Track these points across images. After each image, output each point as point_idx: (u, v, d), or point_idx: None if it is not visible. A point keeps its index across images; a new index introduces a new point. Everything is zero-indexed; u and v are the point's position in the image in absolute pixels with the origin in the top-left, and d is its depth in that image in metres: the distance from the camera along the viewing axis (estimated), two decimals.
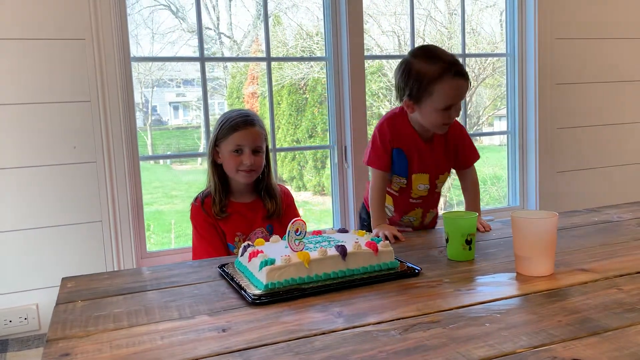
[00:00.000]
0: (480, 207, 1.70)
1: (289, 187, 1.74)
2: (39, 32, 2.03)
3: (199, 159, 7.07)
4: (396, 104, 1.59)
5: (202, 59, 2.39)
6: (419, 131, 1.54)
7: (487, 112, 6.74)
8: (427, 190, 1.60)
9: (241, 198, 1.65)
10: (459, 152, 1.61)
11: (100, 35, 2.07)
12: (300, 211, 1.81)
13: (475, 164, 1.67)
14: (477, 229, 1.47)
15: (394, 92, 1.61)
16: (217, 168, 1.62)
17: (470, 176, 1.66)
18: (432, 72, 1.40)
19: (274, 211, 1.63)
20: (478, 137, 7.27)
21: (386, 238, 1.41)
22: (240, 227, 1.61)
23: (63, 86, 2.08)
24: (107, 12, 2.07)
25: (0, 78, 2.02)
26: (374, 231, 1.48)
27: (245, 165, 1.57)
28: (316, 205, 6.07)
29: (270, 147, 2.50)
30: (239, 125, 1.58)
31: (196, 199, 1.65)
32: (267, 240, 1.25)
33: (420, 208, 1.64)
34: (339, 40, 2.49)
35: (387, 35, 6.36)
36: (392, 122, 1.54)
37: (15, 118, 2.04)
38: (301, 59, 6.16)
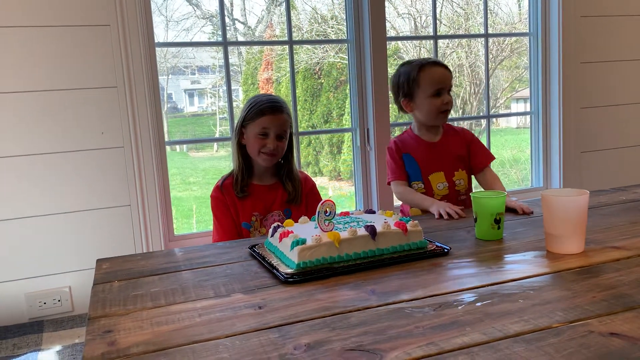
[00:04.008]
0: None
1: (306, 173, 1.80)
2: (65, 19, 2.05)
3: (215, 146, 7.09)
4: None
5: (225, 44, 2.40)
6: (422, 134, 1.75)
7: (504, 94, 6.63)
8: (447, 188, 1.71)
9: (262, 180, 1.71)
10: (471, 152, 1.75)
11: (125, 21, 2.08)
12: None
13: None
14: (516, 211, 1.48)
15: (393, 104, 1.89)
16: (241, 149, 1.69)
17: (490, 176, 1.73)
18: (414, 67, 1.71)
19: (294, 196, 1.69)
20: (495, 119, 7.18)
21: (448, 215, 1.47)
22: (257, 208, 1.67)
23: (90, 73, 2.10)
24: None
25: (28, 65, 2.05)
26: (433, 210, 1.53)
27: (268, 149, 1.63)
28: (332, 190, 6.07)
29: (293, 131, 2.51)
30: (268, 110, 1.64)
31: (217, 181, 1.72)
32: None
33: None
34: (360, 22, 2.47)
35: (402, 18, 6.28)
36: (398, 138, 1.78)
37: (45, 105, 2.08)
38: (323, 42, 6.11)
